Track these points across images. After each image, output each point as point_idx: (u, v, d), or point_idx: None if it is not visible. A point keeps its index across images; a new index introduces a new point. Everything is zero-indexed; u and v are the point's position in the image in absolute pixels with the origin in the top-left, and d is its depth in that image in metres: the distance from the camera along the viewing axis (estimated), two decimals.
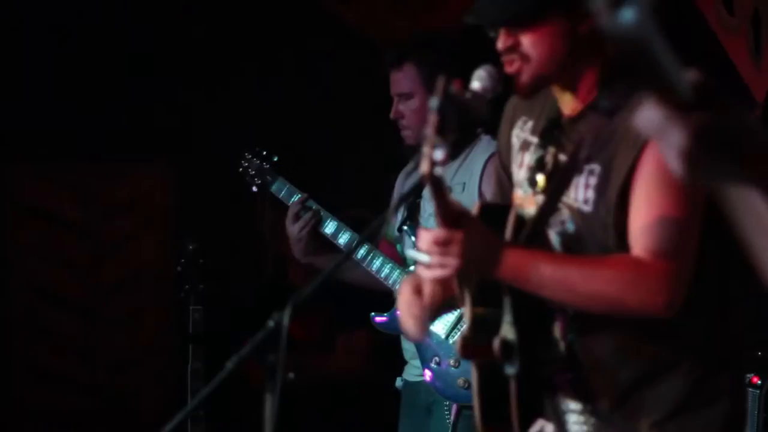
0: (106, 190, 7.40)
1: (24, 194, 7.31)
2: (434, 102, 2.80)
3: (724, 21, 5.62)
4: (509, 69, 2.99)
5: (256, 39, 7.15)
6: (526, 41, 2.97)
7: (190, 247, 5.54)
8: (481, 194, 4.87)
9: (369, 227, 3.00)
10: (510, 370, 2.94)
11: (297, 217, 5.10)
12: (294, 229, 5.10)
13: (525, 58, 2.98)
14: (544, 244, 2.99)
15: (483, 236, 2.84)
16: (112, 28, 7.02)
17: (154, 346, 7.35)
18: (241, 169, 5.34)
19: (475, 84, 2.97)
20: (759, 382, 4.67)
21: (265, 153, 5.31)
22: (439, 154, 2.74)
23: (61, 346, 7.28)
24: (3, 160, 7.15)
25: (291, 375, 2.86)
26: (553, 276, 2.84)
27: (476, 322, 2.98)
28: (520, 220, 2.97)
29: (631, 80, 2.97)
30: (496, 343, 2.91)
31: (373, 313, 5.03)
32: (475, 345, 2.97)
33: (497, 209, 3.04)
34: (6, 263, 7.27)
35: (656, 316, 2.85)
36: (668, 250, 2.82)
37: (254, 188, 5.30)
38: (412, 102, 4.93)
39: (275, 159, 5.28)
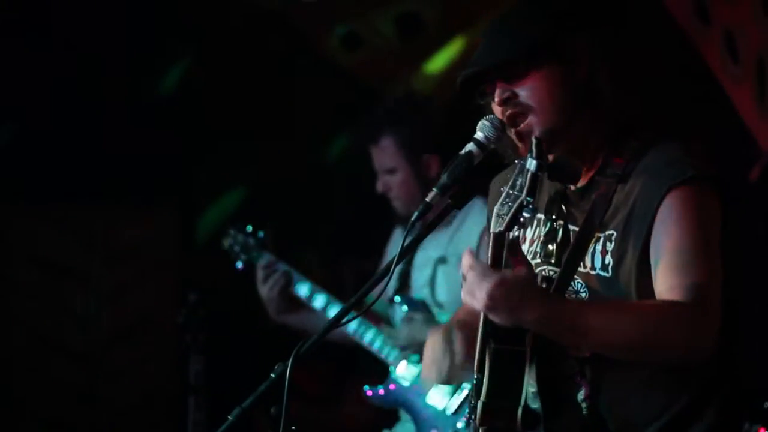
0: (107, 238, 7.39)
1: (25, 240, 7.30)
2: (532, 164, 2.79)
3: (729, 69, 5.61)
4: (518, 127, 2.97)
5: (256, 87, 7.16)
6: (523, 91, 2.97)
7: (192, 297, 5.52)
8: None
9: (360, 291, 2.97)
10: None
11: (266, 279, 5.14)
12: (263, 290, 5.15)
13: (527, 109, 2.96)
14: None
15: (523, 286, 2.77)
16: (114, 76, 7.03)
17: (156, 396, 7.31)
18: (226, 245, 5.33)
19: (479, 134, 2.96)
20: None
21: (250, 229, 5.29)
22: (526, 214, 2.77)
23: (61, 395, 7.24)
24: (4, 206, 7.14)
25: (293, 428, 2.84)
26: (601, 327, 2.80)
27: (495, 389, 2.94)
28: (546, 285, 2.96)
29: (637, 144, 2.98)
30: (519, 412, 2.88)
31: (366, 387, 4.97)
32: (495, 412, 2.93)
33: None
34: (7, 310, 7.24)
35: (697, 358, 2.84)
36: (702, 299, 2.80)
37: (240, 264, 5.29)
38: (397, 176, 4.92)
39: (260, 235, 5.27)
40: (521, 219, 2.79)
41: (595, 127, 3.01)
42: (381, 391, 4.92)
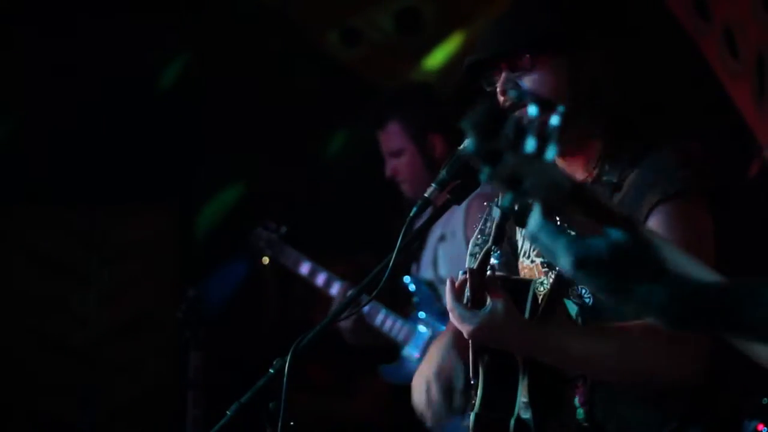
0: (107, 236, 7.39)
1: (25, 239, 7.30)
2: (496, 212, 2.81)
3: (728, 65, 5.61)
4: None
5: (255, 84, 7.16)
6: (528, 81, 2.96)
7: (191, 292, 5.52)
8: (467, 243, 4.83)
9: (369, 276, 2.98)
10: None
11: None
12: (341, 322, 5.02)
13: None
14: (561, 315, 2.93)
15: (503, 323, 2.79)
16: (113, 74, 7.03)
17: (155, 392, 7.31)
18: (252, 242, 5.53)
19: None
20: (765, 429, 4.63)
21: (274, 225, 5.52)
22: (494, 261, 2.82)
23: (60, 392, 7.24)
24: (4, 205, 7.14)
25: (292, 423, 2.84)
26: (582, 355, 2.82)
27: (489, 400, 2.94)
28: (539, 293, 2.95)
29: (634, 148, 2.97)
30: (512, 424, 2.88)
31: (382, 365, 5.05)
32: (488, 424, 2.92)
33: (516, 283, 3.00)
34: (6, 307, 7.24)
35: (689, 383, 2.84)
36: None
37: (265, 259, 5.50)
38: (403, 158, 5.01)
39: (284, 230, 5.49)
40: (490, 263, 2.82)
41: (594, 125, 2.99)
42: (392, 368, 4.99)
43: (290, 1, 7.07)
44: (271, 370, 2.86)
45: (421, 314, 4.96)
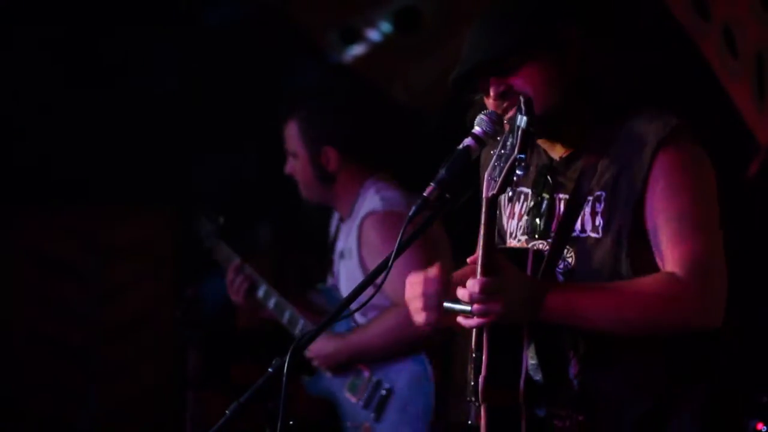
0: (106, 236, 7.38)
1: (24, 239, 7.29)
2: (522, 120, 2.80)
3: (728, 65, 5.62)
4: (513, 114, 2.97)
5: (254, 83, 7.15)
6: (518, 81, 2.97)
7: (189, 293, 5.51)
8: (362, 263, 4.78)
9: (355, 288, 2.96)
10: (540, 412, 2.91)
11: (231, 284, 5.07)
12: (231, 295, 5.08)
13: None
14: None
15: (525, 282, 2.84)
16: (111, 74, 7.03)
17: (153, 392, 7.31)
18: (194, 229, 5.36)
19: (476, 129, 2.96)
20: (764, 428, 4.64)
21: (213, 215, 5.32)
22: (519, 172, 2.77)
23: (59, 392, 7.24)
24: (4, 205, 7.14)
25: (291, 423, 2.84)
26: (589, 308, 2.84)
27: (495, 364, 2.93)
28: (537, 259, 2.96)
29: (623, 117, 2.99)
30: (521, 385, 2.89)
31: (303, 377, 4.96)
32: (497, 387, 2.92)
33: (513, 252, 3.02)
34: (5, 307, 7.24)
35: (708, 327, 2.85)
36: (703, 263, 2.83)
37: (204, 247, 5.32)
38: (298, 161, 4.92)
39: (221, 221, 5.29)
40: (514, 178, 2.78)
41: (588, 111, 3.02)
42: (308, 379, 4.95)
43: (290, 1, 7.06)
44: (270, 370, 2.86)
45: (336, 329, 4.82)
